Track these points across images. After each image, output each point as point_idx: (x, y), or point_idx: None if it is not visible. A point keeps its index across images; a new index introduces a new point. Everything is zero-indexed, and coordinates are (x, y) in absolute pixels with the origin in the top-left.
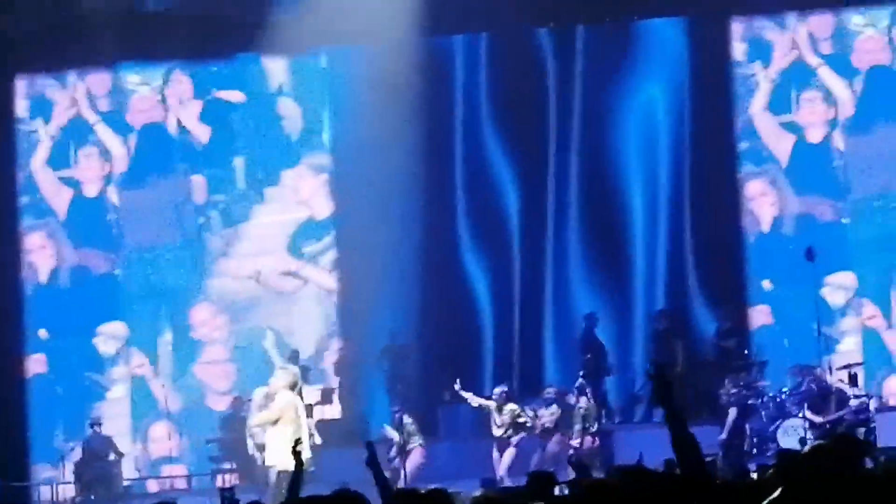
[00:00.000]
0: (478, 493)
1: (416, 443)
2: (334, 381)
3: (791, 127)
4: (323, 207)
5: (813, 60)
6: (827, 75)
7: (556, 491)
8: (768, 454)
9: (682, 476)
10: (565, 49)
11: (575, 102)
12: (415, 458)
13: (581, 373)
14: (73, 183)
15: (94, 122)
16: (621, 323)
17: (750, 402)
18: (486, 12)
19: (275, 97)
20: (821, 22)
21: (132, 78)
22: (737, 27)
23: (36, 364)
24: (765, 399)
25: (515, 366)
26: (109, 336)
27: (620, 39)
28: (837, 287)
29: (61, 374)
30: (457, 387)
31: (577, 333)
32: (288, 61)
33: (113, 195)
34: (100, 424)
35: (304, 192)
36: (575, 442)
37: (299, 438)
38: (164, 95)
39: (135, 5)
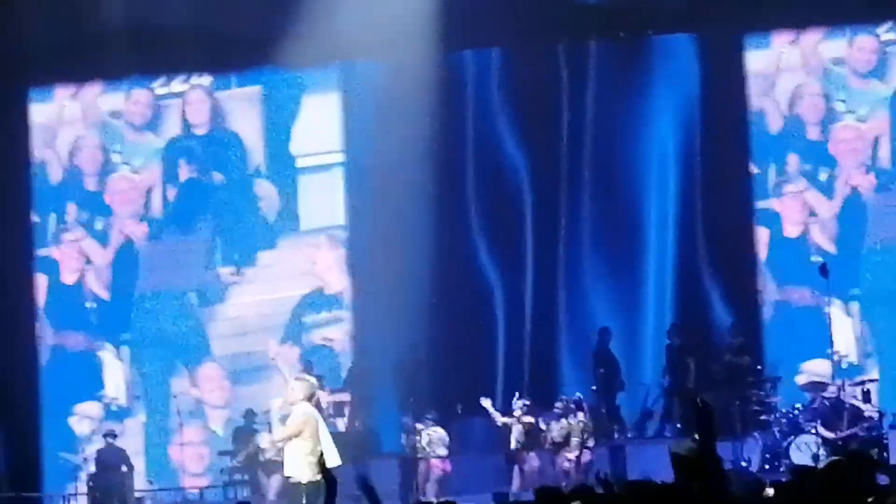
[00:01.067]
0: None
1: (439, 453)
2: (346, 395)
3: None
4: (334, 280)
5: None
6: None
7: None
8: (781, 470)
9: (696, 490)
10: (578, 64)
11: (588, 117)
12: (434, 470)
13: (593, 388)
14: (52, 267)
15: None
16: (634, 338)
17: (762, 417)
18: (498, 27)
19: (252, 178)
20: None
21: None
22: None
23: None
24: (778, 415)
25: (528, 380)
26: (84, 416)
27: (634, 54)
28: (812, 374)
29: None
30: (486, 403)
31: (590, 347)
32: (265, 144)
33: (92, 281)
34: (114, 436)
35: (320, 264)
36: (572, 455)
37: (323, 453)
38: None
39: (147, 20)
